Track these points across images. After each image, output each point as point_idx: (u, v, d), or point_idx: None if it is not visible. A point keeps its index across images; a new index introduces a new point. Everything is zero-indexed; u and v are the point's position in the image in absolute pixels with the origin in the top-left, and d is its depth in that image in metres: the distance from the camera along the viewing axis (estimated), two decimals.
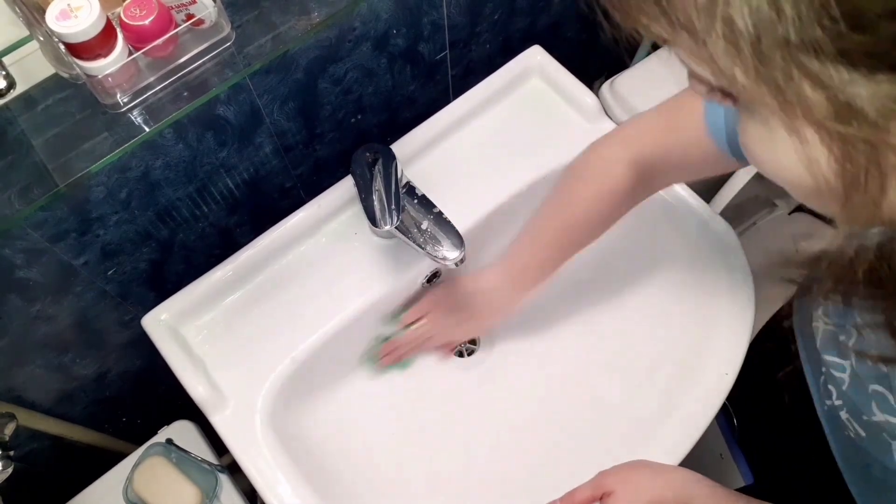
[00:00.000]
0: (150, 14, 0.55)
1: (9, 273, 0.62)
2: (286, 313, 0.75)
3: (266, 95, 0.67)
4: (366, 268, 0.77)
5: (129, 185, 0.64)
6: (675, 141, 0.61)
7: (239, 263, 0.75)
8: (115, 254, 0.69)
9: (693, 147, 0.59)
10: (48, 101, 0.59)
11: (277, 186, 0.80)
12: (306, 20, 0.64)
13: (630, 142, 0.65)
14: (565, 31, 1.03)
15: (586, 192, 0.68)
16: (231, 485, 0.86)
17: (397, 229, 0.70)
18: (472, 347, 0.86)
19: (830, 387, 0.65)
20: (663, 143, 0.62)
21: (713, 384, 0.71)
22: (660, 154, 0.63)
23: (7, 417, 0.71)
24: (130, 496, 0.82)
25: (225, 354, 0.73)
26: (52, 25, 0.52)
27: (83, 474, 0.86)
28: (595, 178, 0.67)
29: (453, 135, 0.83)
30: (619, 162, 0.65)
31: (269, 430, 0.69)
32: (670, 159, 0.62)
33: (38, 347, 0.72)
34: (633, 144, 0.65)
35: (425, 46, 0.80)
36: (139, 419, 0.96)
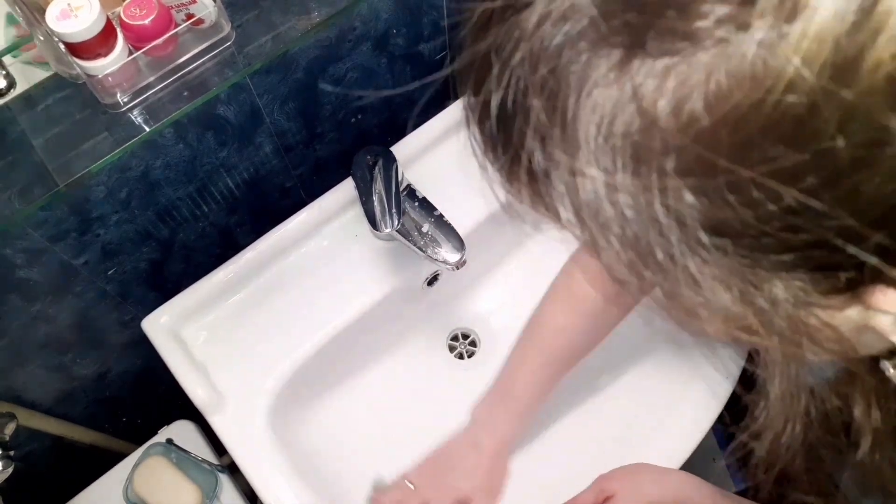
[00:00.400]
0: (150, 14, 0.55)
1: (9, 273, 0.62)
2: (286, 315, 0.74)
3: (266, 95, 0.67)
4: (366, 270, 0.77)
5: (129, 184, 0.64)
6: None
7: (239, 266, 0.75)
8: (115, 253, 0.69)
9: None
10: (48, 101, 0.59)
11: (278, 186, 0.80)
12: (306, 20, 0.64)
13: (584, 265, 0.64)
14: None
15: (561, 318, 0.67)
16: (231, 485, 0.86)
17: (398, 232, 0.69)
18: (472, 350, 0.86)
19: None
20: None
21: (713, 388, 0.71)
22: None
23: (7, 417, 0.71)
24: (130, 496, 0.82)
25: (225, 356, 0.73)
26: (52, 25, 0.52)
27: (83, 474, 0.86)
28: (567, 300, 0.66)
29: (454, 137, 0.83)
30: (579, 282, 0.64)
31: (268, 431, 0.69)
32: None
33: (38, 347, 0.72)
34: (586, 267, 0.64)
35: (425, 46, 0.80)
36: (139, 419, 0.96)
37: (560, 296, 0.67)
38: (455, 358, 0.85)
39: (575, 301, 0.65)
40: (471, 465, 0.70)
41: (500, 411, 0.70)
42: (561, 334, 0.67)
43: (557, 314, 0.67)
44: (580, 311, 0.65)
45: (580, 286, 0.65)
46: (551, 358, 0.68)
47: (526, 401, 0.69)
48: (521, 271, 0.88)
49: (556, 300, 0.68)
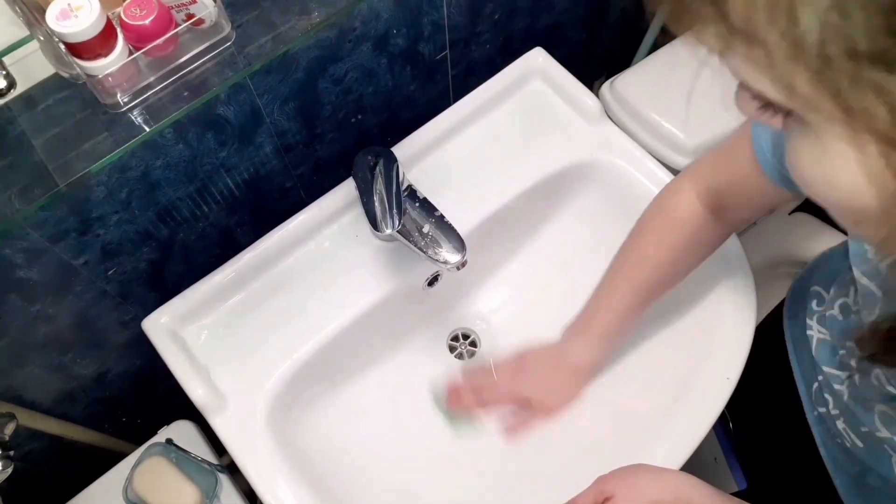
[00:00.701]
0: (150, 14, 0.55)
1: (9, 273, 0.62)
2: (286, 316, 0.74)
3: (266, 95, 0.67)
4: (367, 271, 0.77)
5: (129, 184, 0.64)
6: (732, 174, 0.60)
7: (239, 266, 0.75)
8: (115, 254, 0.69)
9: (749, 180, 0.58)
10: (48, 101, 0.59)
11: (278, 186, 0.80)
12: (306, 20, 0.64)
13: (694, 176, 0.65)
14: (566, 31, 1.03)
15: (658, 233, 0.67)
16: (231, 485, 0.86)
17: (398, 232, 0.69)
18: (472, 350, 0.86)
19: (827, 395, 0.65)
20: (724, 177, 0.61)
21: (714, 388, 0.71)
22: (723, 187, 0.62)
23: (7, 417, 0.71)
24: (130, 496, 0.82)
25: (225, 357, 0.73)
26: (53, 25, 0.52)
27: (83, 474, 0.86)
28: (665, 215, 0.66)
29: (454, 137, 0.83)
30: (686, 191, 0.64)
31: (268, 432, 0.69)
32: (733, 191, 0.61)
33: (38, 347, 0.72)
34: (696, 177, 0.64)
35: (425, 46, 0.80)
36: (139, 419, 0.96)
37: (652, 226, 0.67)
38: (455, 358, 0.85)
39: (669, 229, 0.66)
40: (548, 375, 0.74)
41: (584, 336, 0.73)
42: (648, 264, 0.67)
43: (648, 245, 0.67)
44: (671, 240, 0.66)
45: (677, 212, 0.65)
46: (638, 289, 0.69)
47: (610, 329, 0.71)
48: (521, 272, 0.88)
49: (647, 231, 0.68)
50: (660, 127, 0.98)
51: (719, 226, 0.65)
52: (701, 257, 0.68)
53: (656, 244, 0.67)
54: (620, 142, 0.83)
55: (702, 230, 0.65)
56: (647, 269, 0.68)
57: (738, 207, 0.63)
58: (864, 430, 0.60)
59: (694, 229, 0.65)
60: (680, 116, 0.98)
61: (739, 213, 0.64)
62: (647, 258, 0.68)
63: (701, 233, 0.65)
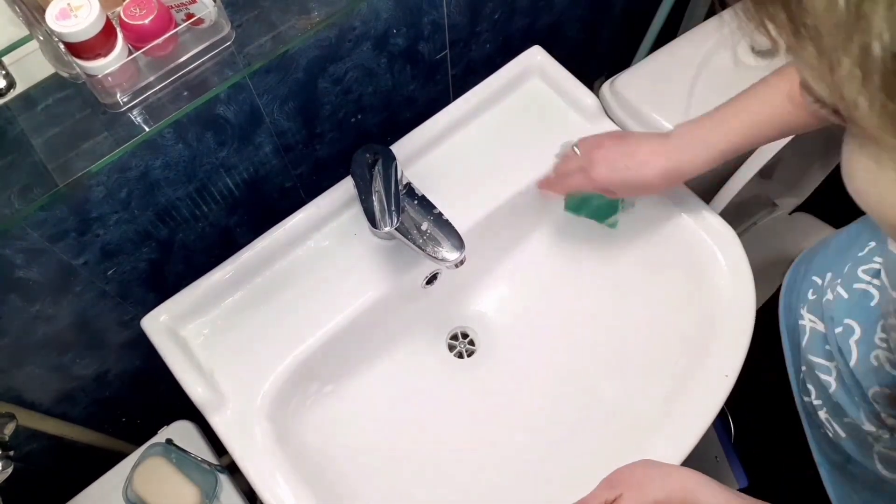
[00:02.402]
0: (149, 13, 0.55)
1: (9, 273, 0.62)
2: (286, 314, 0.74)
3: (266, 95, 0.67)
4: (365, 269, 0.77)
5: (128, 184, 0.64)
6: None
7: (238, 264, 0.75)
8: (114, 254, 0.69)
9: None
10: (48, 101, 0.59)
11: (277, 186, 0.80)
12: (306, 20, 0.64)
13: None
14: (566, 30, 1.03)
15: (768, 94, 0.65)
16: (231, 485, 0.86)
17: (397, 230, 0.69)
18: (471, 349, 0.86)
19: (809, 385, 0.66)
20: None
21: (713, 385, 0.71)
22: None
23: (7, 417, 0.71)
24: (130, 496, 0.82)
25: (224, 355, 0.73)
26: (52, 25, 0.52)
27: (83, 474, 0.86)
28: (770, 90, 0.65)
29: (453, 135, 0.83)
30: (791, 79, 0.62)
31: (268, 431, 0.69)
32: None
33: (38, 347, 0.72)
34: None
35: (425, 46, 0.80)
36: (139, 419, 0.96)
37: (777, 85, 0.65)
38: (454, 357, 0.85)
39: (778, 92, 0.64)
40: (644, 157, 0.70)
41: (686, 144, 0.69)
42: (766, 106, 0.65)
43: (765, 95, 0.66)
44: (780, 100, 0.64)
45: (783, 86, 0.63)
46: (751, 124, 0.66)
47: (713, 151, 0.68)
48: (520, 270, 0.88)
49: (760, 89, 0.66)
50: (660, 126, 0.98)
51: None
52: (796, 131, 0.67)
53: (779, 100, 0.64)
54: None
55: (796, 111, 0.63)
56: (766, 118, 0.66)
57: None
58: (847, 421, 0.61)
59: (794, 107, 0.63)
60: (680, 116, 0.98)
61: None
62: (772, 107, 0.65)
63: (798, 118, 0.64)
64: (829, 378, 0.61)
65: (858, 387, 0.56)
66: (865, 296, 0.56)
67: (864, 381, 0.55)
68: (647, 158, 0.69)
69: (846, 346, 0.57)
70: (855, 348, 0.56)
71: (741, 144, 0.67)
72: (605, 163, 0.70)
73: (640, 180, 0.70)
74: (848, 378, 0.58)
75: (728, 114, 0.68)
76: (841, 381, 0.60)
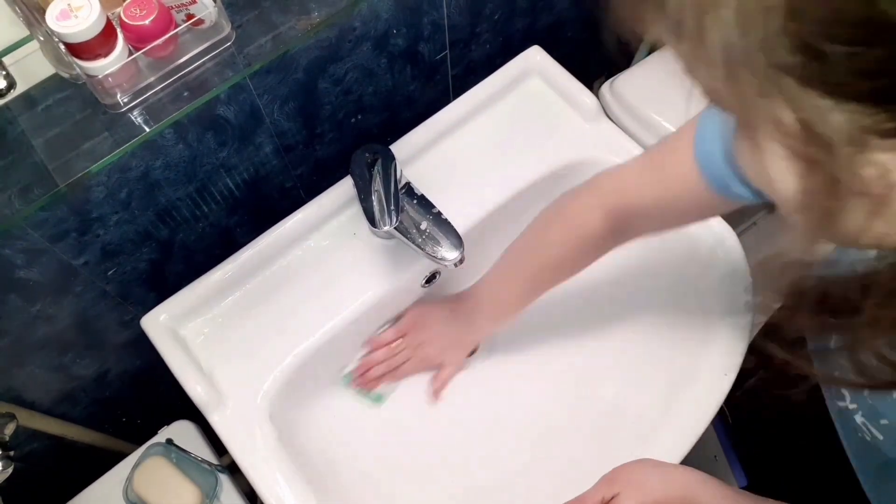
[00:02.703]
0: (150, 14, 0.55)
1: (9, 273, 0.62)
2: (285, 314, 0.75)
3: (266, 95, 0.68)
4: (365, 268, 0.77)
5: (129, 185, 0.64)
6: (657, 184, 0.60)
7: (238, 264, 0.75)
8: (115, 254, 0.69)
9: (678, 187, 0.57)
10: (48, 101, 0.59)
11: (277, 186, 0.80)
12: (306, 20, 0.64)
13: (605, 192, 0.65)
14: (566, 31, 1.03)
15: (558, 236, 0.69)
16: (231, 485, 0.86)
17: (396, 230, 0.70)
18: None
19: (843, 390, 0.65)
20: (644, 190, 0.61)
21: (712, 385, 0.71)
22: (638, 202, 0.62)
23: (7, 417, 0.71)
24: (130, 496, 0.82)
25: (224, 355, 0.73)
26: (53, 25, 0.52)
27: (83, 474, 0.86)
28: (567, 223, 0.68)
29: (452, 135, 0.83)
30: (593, 210, 0.65)
31: (268, 430, 0.69)
32: (650, 206, 0.61)
33: (38, 347, 0.72)
34: (608, 195, 0.65)
35: (425, 46, 0.80)
36: (139, 419, 0.97)
37: (556, 229, 0.70)
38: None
39: (573, 238, 0.68)
40: (448, 335, 0.80)
41: (481, 309, 0.78)
42: (551, 264, 0.71)
43: (552, 246, 0.70)
44: (573, 246, 0.68)
45: (582, 227, 0.67)
46: (539, 282, 0.73)
47: (507, 306, 0.76)
48: None
49: (552, 231, 0.70)
50: (660, 127, 0.99)
51: (617, 241, 0.68)
52: (591, 261, 0.71)
53: (560, 245, 0.69)
54: (618, 140, 0.83)
55: (600, 246, 0.68)
56: (550, 269, 0.72)
57: (650, 223, 0.64)
58: (883, 423, 0.60)
59: (594, 246, 0.68)
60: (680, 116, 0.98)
61: (648, 228, 0.66)
62: (550, 258, 0.71)
63: (599, 247, 0.68)
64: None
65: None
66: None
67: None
68: (466, 345, 0.81)
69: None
70: None
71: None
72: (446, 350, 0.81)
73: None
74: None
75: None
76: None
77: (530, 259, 0.72)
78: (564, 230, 0.69)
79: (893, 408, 0.57)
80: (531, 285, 0.74)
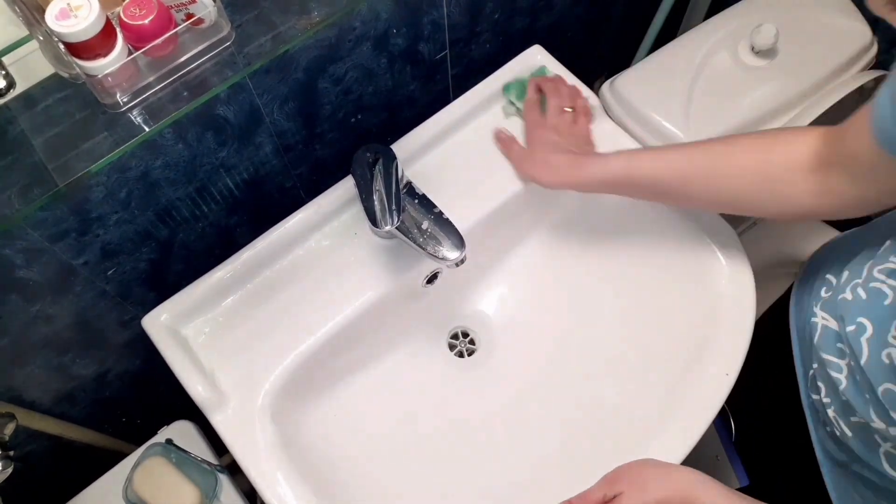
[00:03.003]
0: (149, 14, 0.55)
1: (9, 273, 0.62)
2: (286, 314, 0.74)
3: (266, 95, 0.67)
4: (366, 268, 0.77)
5: (128, 184, 0.64)
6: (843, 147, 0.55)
7: (239, 264, 0.75)
8: (114, 253, 0.69)
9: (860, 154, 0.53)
10: (48, 101, 0.59)
11: (277, 186, 0.80)
12: (306, 20, 0.64)
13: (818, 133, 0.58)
14: (566, 30, 1.03)
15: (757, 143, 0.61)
16: (231, 485, 0.86)
17: (398, 229, 0.69)
18: (472, 348, 0.86)
19: (819, 383, 0.66)
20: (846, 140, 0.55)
21: (713, 385, 0.71)
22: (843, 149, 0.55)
23: (7, 417, 0.71)
24: (130, 496, 0.82)
25: (225, 355, 0.73)
26: (52, 25, 0.52)
27: (83, 474, 0.86)
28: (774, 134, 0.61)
29: (454, 134, 0.83)
30: (809, 133, 0.58)
31: (269, 430, 0.69)
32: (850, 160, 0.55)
33: (38, 347, 0.72)
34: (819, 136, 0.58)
35: (425, 46, 0.80)
36: (139, 419, 0.97)
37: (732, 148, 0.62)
38: (455, 356, 0.85)
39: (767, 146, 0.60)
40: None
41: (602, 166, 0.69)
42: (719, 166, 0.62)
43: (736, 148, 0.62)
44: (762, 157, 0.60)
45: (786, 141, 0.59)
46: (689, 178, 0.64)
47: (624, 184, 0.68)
48: (521, 269, 0.88)
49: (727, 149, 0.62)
50: (660, 127, 0.98)
51: (809, 196, 0.59)
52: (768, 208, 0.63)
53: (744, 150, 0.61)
54: (619, 139, 0.83)
55: (792, 185, 0.59)
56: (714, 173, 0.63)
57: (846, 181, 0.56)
58: (854, 420, 0.61)
59: (785, 174, 0.59)
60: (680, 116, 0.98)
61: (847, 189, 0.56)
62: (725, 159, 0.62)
63: (789, 186, 0.59)
64: (839, 375, 0.61)
65: (869, 385, 0.56)
66: (879, 294, 0.56)
67: (875, 380, 0.55)
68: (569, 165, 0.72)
69: (857, 344, 0.57)
70: (866, 346, 0.56)
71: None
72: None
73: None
74: (859, 375, 0.58)
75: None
76: (852, 379, 0.59)
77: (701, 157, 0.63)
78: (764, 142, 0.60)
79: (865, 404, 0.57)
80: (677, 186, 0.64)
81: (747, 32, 0.99)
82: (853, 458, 0.63)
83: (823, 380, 0.65)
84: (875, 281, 0.57)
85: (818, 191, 0.58)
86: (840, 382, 0.61)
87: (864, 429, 0.60)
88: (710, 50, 1.00)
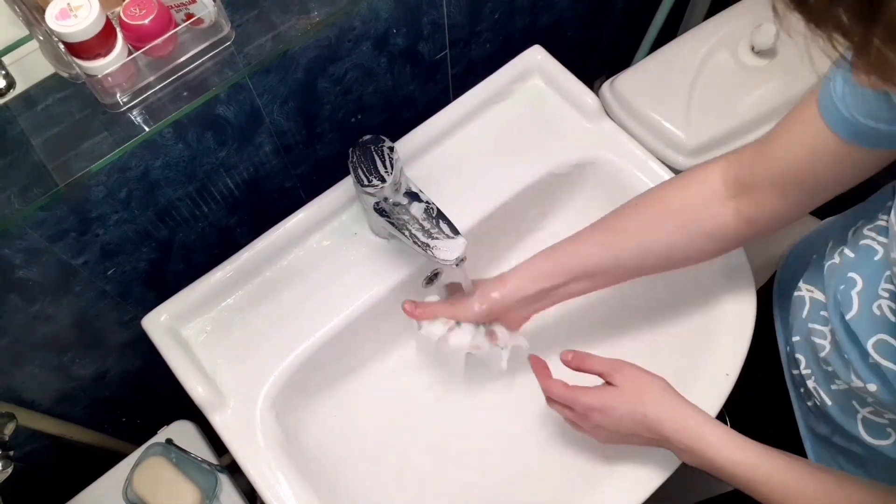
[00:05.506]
0: (149, 13, 0.55)
1: (9, 273, 0.62)
2: (286, 314, 0.74)
3: (266, 95, 0.67)
4: (365, 268, 0.77)
5: (128, 184, 0.64)
6: (782, 147, 0.55)
7: (239, 264, 0.75)
8: (114, 253, 0.69)
9: (807, 143, 0.53)
10: (48, 101, 0.59)
11: (277, 186, 0.80)
12: (306, 20, 0.64)
13: (719, 163, 0.60)
14: (566, 30, 1.03)
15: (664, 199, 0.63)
16: (231, 485, 0.86)
17: (397, 229, 0.69)
18: None
19: (798, 355, 0.66)
20: (768, 155, 0.57)
21: (714, 385, 0.71)
22: (764, 169, 0.57)
23: (7, 417, 0.71)
24: (130, 496, 0.82)
25: (225, 355, 0.73)
26: (52, 25, 0.52)
27: (83, 474, 0.86)
28: (679, 180, 0.62)
29: (453, 135, 0.83)
30: (710, 172, 0.60)
31: (268, 430, 0.69)
32: (777, 173, 0.56)
33: (38, 347, 0.72)
34: (724, 162, 0.60)
35: (425, 46, 0.80)
36: (139, 419, 0.97)
37: (645, 204, 0.63)
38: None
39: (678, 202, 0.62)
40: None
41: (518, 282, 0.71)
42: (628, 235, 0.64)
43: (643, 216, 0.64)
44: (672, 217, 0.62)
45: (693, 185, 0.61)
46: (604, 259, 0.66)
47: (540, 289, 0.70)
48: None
49: (640, 208, 0.64)
50: (660, 126, 0.99)
51: (740, 215, 0.60)
52: (702, 249, 0.64)
53: (652, 216, 0.63)
54: (619, 139, 0.83)
55: (716, 217, 0.60)
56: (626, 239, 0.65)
57: (775, 197, 0.57)
58: (833, 388, 0.61)
59: (706, 210, 0.60)
60: (680, 116, 0.98)
61: (775, 205, 0.58)
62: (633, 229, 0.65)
63: (714, 219, 0.60)
64: (823, 342, 0.62)
65: (856, 341, 0.56)
66: (869, 251, 0.57)
67: (864, 333, 0.55)
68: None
69: (847, 298, 0.56)
70: (856, 299, 0.56)
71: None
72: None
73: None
74: (843, 335, 0.57)
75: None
76: (835, 343, 0.60)
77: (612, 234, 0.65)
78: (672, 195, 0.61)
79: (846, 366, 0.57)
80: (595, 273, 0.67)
81: (747, 32, 0.99)
82: (834, 428, 0.64)
83: (803, 351, 0.66)
84: (865, 238, 0.58)
85: (745, 214, 0.59)
86: (823, 348, 0.61)
87: (843, 395, 0.61)
88: (710, 50, 1.01)
